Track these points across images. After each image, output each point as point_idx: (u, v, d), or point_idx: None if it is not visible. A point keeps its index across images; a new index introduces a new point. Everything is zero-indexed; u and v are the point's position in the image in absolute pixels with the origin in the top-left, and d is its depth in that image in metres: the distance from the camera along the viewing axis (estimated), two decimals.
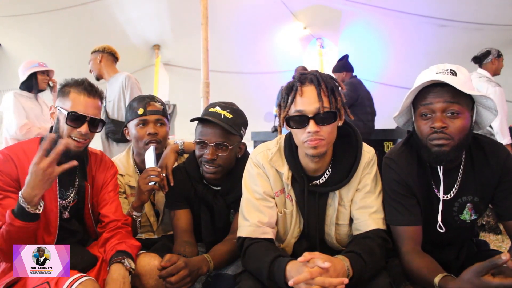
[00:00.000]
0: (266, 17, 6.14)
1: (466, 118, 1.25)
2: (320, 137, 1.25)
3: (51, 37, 5.46)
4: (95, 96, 1.54)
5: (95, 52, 3.29)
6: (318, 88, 1.25)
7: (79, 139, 1.49)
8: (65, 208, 1.55)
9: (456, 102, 1.23)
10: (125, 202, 1.87)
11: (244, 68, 6.99)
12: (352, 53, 5.06)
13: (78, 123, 1.48)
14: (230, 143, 1.56)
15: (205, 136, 1.55)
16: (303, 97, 1.26)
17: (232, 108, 1.60)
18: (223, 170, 1.59)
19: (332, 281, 1.08)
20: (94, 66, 3.29)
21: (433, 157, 1.28)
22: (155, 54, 6.44)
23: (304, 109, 1.25)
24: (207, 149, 1.54)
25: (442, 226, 1.36)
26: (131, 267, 1.41)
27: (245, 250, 1.33)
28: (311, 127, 1.24)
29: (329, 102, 1.25)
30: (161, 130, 1.84)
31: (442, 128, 1.24)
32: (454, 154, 1.27)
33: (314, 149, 1.27)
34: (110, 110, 3.21)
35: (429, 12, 5.39)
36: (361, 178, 1.39)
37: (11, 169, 1.44)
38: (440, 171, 1.36)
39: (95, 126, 1.53)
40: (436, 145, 1.26)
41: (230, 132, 1.54)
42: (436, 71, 1.28)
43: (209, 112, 1.57)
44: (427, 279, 1.18)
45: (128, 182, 1.90)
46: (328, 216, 1.41)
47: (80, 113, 1.48)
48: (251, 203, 1.40)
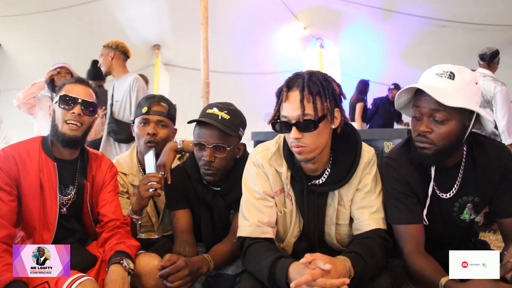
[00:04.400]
0: (266, 17, 6.14)
1: (453, 125, 1.25)
2: (302, 144, 1.25)
3: (51, 37, 5.46)
4: (86, 85, 1.61)
5: (108, 47, 3.27)
6: (301, 94, 1.24)
7: (74, 121, 1.51)
8: (64, 205, 1.56)
9: (442, 110, 1.22)
10: (127, 202, 1.86)
11: (244, 68, 6.99)
12: (352, 53, 5.06)
13: (70, 105, 1.52)
14: (228, 144, 1.55)
15: (203, 138, 1.54)
16: (288, 103, 1.26)
17: (230, 109, 1.59)
18: (221, 172, 1.59)
19: (333, 282, 1.08)
20: (105, 62, 3.28)
21: (417, 157, 1.33)
22: (155, 54, 6.43)
23: (287, 115, 1.25)
24: (205, 151, 1.54)
25: (426, 220, 1.37)
26: (130, 268, 1.41)
27: (245, 250, 1.33)
28: (293, 133, 1.24)
29: (313, 108, 1.23)
30: (162, 131, 1.82)
31: (425, 133, 1.27)
32: (436, 158, 1.30)
33: (299, 155, 1.29)
34: (116, 110, 3.22)
35: (429, 13, 5.39)
36: (361, 178, 1.39)
37: (10, 167, 1.45)
38: (432, 170, 1.37)
39: (89, 109, 1.55)
40: (419, 147, 1.30)
41: (227, 133, 1.53)
42: (436, 72, 1.28)
43: (206, 113, 1.57)
44: (431, 280, 1.18)
45: (131, 181, 1.89)
46: (328, 216, 1.41)
47: (72, 95, 1.53)
48: (251, 202, 1.40)
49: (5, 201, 1.41)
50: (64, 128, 1.51)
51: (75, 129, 1.52)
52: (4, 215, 1.39)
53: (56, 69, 3.38)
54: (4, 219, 1.38)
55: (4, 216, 1.38)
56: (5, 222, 1.38)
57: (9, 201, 1.42)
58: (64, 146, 1.55)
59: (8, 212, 1.40)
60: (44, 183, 1.49)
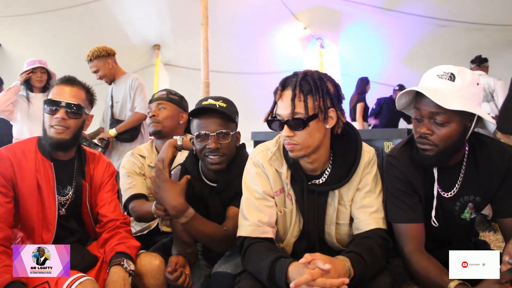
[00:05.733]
0: (266, 17, 6.14)
1: (453, 127, 1.25)
2: (293, 142, 1.27)
3: (51, 37, 5.46)
4: (73, 85, 1.56)
5: (100, 58, 3.18)
6: (293, 92, 1.26)
7: (58, 126, 1.49)
8: (62, 205, 1.55)
9: (443, 113, 1.23)
10: (144, 182, 1.98)
11: (244, 68, 6.99)
12: (352, 53, 5.06)
13: (54, 109, 1.49)
14: (231, 129, 1.57)
15: (205, 127, 1.54)
16: (281, 101, 1.29)
17: (224, 98, 1.62)
18: (228, 158, 1.59)
19: (333, 282, 1.09)
20: (107, 72, 3.22)
21: (419, 158, 1.33)
22: (155, 54, 6.43)
23: (280, 113, 1.28)
24: (210, 139, 1.53)
25: (436, 221, 1.37)
26: (131, 269, 1.41)
27: (245, 250, 1.33)
28: (284, 131, 1.27)
29: (304, 107, 1.25)
30: (161, 112, 2.08)
31: (426, 135, 1.27)
32: (437, 159, 1.30)
33: (291, 152, 1.30)
34: (117, 110, 3.26)
35: (429, 12, 5.39)
36: (362, 178, 1.39)
37: (6, 169, 1.44)
38: (435, 170, 1.37)
39: (74, 112, 1.52)
40: (421, 149, 1.31)
41: (229, 118, 1.55)
42: (437, 73, 1.28)
43: (203, 105, 1.57)
44: (438, 282, 1.18)
45: (149, 163, 2.04)
46: (328, 215, 1.41)
47: (55, 99, 1.50)
48: (251, 202, 1.40)
49: (1, 203, 1.40)
50: (51, 132, 1.50)
51: (61, 132, 1.50)
52: (0, 216, 1.38)
53: (30, 70, 3.25)
54: (0, 221, 1.38)
55: (1, 218, 1.38)
56: (1, 224, 1.37)
57: (5, 202, 1.41)
58: (54, 150, 1.53)
59: (4, 214, 1.40)
60: (41, 183, 1.49)
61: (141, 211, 1.83)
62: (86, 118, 1.61)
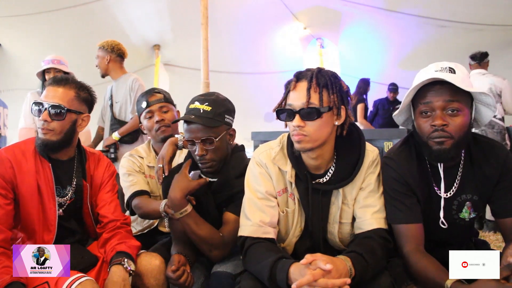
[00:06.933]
0: (266, 17, 6.13)
1: (466, 115, 1.26)
2: (303, 132, 1.27)
3: (51, 37, 5.45)
4: (59, 85, 1.52)
5: (104, 50, 3.24)
6: (309, 83, 1.27)
7: (43, 127, 1.48)
8: (61, 206, 1.55)
9: (456, 100, 1.24)
10: (145, 180, 1.96)
11: (244, 68, 6.98)
12: (352, 53, 5.06)
13: (38, 111, 1.49)
14: (215, 135, 1.53)
15: (190, 134, 1.54)
16: (295, 92, 1.29)
17: (211, 99, 1.57)
18: (218, 162, 1.58)
19: (335, 282, 1.09)
20: (101, 65, 3.27)
21: (434, 154, 1.30)
22: (155, 54, 6.42)
23: (292, 103, 1.28)
24: (196, 146, 1.54)
25: (445, 222, 1.37)
26: (131, 269, 1.41)
27: (246, 250, 1.33)
28: (295, 121, 1.26)
29: (319, 98, 1.26)
30: (167, 115, 1.99)
31: (442, 126, 1.26)
32: (454, 152, 1.29)
33: (298, 143, 1.30)
34: (117, 111, 3.25)
35: (429, 13, 5.39)
36: (365, 177, 1.40)
37: (6, 170, 1.44)
38: (440, 169, 1.37)
39: (57, 114, 1.48)
40: (437, 143, 1.28)
41: (211, 126, 1.52)
42: (435, 69, 1.29)
43: (190, 109, 1.56)
44: (436, 281, 1.18)
45: (148, 163, 2.01)
46: (331, 214, 1.42)
47: (39, 101, 1.49)
48: (253, 202, 1.40)
49: (1, 205, 1.40)
50: (40, 133, 1.50)
51: (46, 133, 1.49)
52: (0, 218, 1.38)
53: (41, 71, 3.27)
54: (0, 222, 1.38)
55: (0, 220, 1.38)
56: (1, 226, 1.37)
57: (5, 204, 1.41)
58: (43, 151, 1.51)
59: (4, 216, 1.40)
60: (41, 184, 1.49)
61: (147, 208, 1.79)
62: (79, 118, 1.56)
